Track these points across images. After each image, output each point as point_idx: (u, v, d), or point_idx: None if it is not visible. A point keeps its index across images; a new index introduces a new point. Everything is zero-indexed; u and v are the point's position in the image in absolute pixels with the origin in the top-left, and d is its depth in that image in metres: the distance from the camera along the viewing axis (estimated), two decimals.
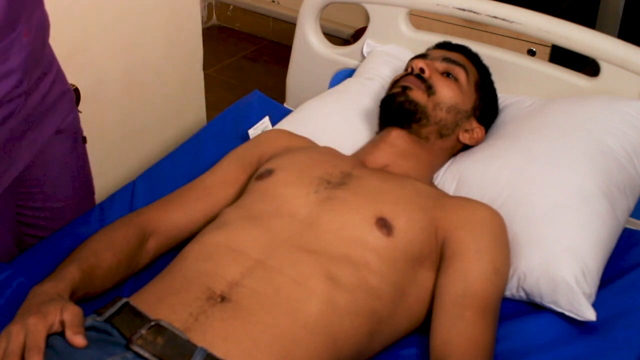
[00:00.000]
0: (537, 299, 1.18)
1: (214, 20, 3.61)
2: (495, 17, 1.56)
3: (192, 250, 1.11)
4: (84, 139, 1.37)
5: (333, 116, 1.55)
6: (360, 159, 1.34)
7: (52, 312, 0.93)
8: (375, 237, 1.11)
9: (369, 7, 1.75)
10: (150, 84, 1.90)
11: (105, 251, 1.13)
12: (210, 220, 1.24)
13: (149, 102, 1.91)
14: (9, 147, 1.15)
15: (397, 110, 1.33)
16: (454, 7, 1.61)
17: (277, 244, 1.09)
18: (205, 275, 1.03)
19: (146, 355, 0.92)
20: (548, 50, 2.25)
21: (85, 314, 0.98)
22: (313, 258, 1.07)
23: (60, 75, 1.25)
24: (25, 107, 1.14)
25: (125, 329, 0.95)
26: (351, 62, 1.80)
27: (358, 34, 2.66)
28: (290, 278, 1.03)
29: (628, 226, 1.33)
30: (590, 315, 1.12)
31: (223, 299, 0.99)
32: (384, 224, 1.12)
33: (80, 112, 1.36)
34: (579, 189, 1.24)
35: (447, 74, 1.37)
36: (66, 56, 1.31)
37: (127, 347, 0.93)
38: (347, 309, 1.03)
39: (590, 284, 1.16)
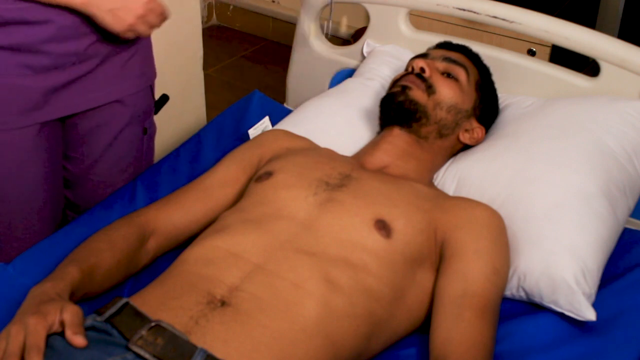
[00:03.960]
0: (537, 299, 1.18)
1: (214, 20, 3.61)
2: (495, 17, 1.56)
3: (193, 254, 1.11)
4: (145, 130, 1.45)
5: (333, 116, 1.55)
6: (359, 160, 1.34)
7: (51, 312, 0.93)
8: (374, 239, 1.11)
9: (369, 7, 1.75)
10: None
11: (105, 251, 1.13)
12: (211, 221, 1.25)
13: None
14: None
15: (397, 109, 1.33)
16: (454, 7, 1.61)
17: (276, 247, 1.09)
18: (206, 280, 1.03)
19: (146, 355, 0.92)
20: (548, 50, 2.25)
21: (85, 314, 0.98)
22: (312, 261, 1.07)
23: (135, 61, 1.35)
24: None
25: (125, 329, 0.95)
26: (351, 62, 1.80)
27: (358, 34, 2.66)
28: (288, 281, 1.03)
29: (628, 226, 1.33)
30: (590, 315, 1.12)
31: (223, 303, 0.99)
32: (382, 226, 1.12)
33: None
34: (579, 188, 1.24)
35: (447, 74, 1.37)
36: None
37: (127, 348, 0.93)
38: (345, 312, 1.03)
39: (590, 284, 1.16)
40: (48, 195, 1.35)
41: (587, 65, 2.17)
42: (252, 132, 1.57)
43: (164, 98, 1.50)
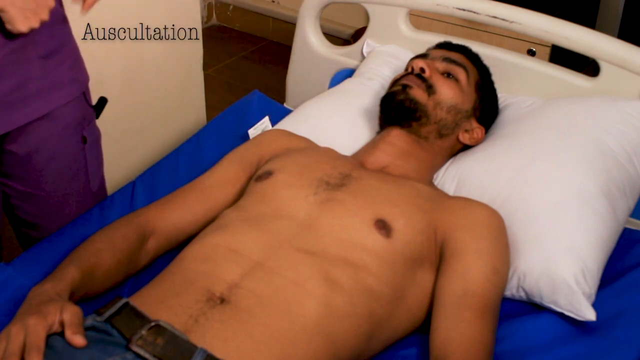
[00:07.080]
0: (537, 299, 1.18)
1: (214, 20, 3.61)
2: (495, 17, 1.56)
3: (191, 252, 1.11)
4: (84, 139, 1.38)
5: (333, 116, 1.55)
6: (359, 159, 1.34)
7: (51, 312, 0.93)
8: (374, 239, 1.11)
9: (369, 7, 1.75)
10: (150, 84, 1.90)
11: (105, 251, 1.13)
12: (211, 221, 1.24)
13: (149, 102, 1.91)
14: None
15: (397, 108, 1.33)
16: (454, 7, 1.61)
17: (277, 246, 1.09)
18: (204, 277, 1.03)
19: (146, 355, 0.92)
20: (548, 50, 2.24)
21: (85, 314, 0.98)
22: (312, 260, 1.07)
23: (62, 66, 1.27)
24: None
25: (125, 329, 0.95)
26: (351, 62, 1.80)
27: (358, 34, 2.66)
28: (289, 280, 1.03)
29: (628, 226, 1.33)
30: (590, 315, 1.12)
31: (222, 300, 0.99)
32: (382, 226, 1.12)
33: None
34: (579, 188, 1.24)
35: (447, 74, 1.37)
36: None
37: (127, 348, 0.93)
38: (346, 311, 1.03)
39: (590, 284, 1.16)
40: None
41: (587, 65, 2.16)
42: (252, 132, 1.57)
43: (103, 101, 1.45)
